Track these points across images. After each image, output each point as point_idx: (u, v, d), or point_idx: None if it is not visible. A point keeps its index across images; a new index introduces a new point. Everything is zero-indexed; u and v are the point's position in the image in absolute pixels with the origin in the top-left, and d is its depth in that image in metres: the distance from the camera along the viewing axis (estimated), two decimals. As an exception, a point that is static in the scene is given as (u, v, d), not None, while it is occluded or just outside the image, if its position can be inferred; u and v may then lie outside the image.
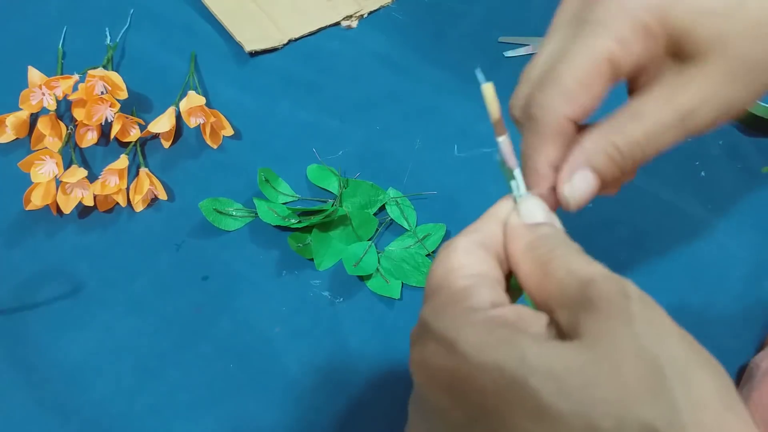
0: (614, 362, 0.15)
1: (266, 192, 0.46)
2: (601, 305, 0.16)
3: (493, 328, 0.16)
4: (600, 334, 0.15)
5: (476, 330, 0.17)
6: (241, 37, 0.55)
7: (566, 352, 0.15)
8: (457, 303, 0.18)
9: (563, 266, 0.18)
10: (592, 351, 0.15)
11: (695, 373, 0.15)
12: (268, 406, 0.38)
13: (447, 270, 0.19)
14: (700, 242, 0.46)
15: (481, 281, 0.19)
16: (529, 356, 0.15)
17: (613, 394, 0.14)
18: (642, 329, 0.15)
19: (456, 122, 0.52)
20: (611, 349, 0.15)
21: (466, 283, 0.18)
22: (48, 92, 0.47)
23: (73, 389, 0.38)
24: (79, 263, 0.43)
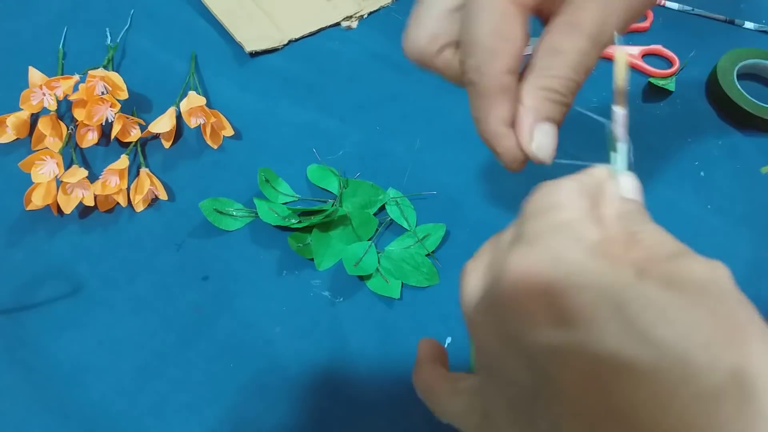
0: (712, 312, 0.16)
1: (266, 192, 0.46)
2: (693, 276, 0.17)
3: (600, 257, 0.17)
4: (696, 291, 0.16)
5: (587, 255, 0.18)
6: (242, 37, 0.56)
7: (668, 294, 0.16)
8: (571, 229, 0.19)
9: (654, 237, 0.19)
10: (691, 299, 0.16)
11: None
12: (268, 406, 0.38)
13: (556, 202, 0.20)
14: (699, 242, 0.46)
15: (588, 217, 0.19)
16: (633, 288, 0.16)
17: (711, 336, 0.15)
18: (732, 300, 0.16)
19: (456, 122, 0.52)
20: (708, 304, 0.16)
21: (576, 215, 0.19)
22: (48, 92, 0.47)
23: (74, 389, 0.38)
24: (80, 263, 0.43)
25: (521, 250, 0.19)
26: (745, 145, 0.52)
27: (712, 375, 0.15)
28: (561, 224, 0.19)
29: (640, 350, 0.15)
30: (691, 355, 0.15)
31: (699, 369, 0.15)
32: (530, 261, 0.18)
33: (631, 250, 0.19)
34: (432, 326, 0.42)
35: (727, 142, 0.52)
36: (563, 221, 0.19)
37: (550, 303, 0.17)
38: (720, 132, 0.53)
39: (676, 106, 0.54)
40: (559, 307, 0.17)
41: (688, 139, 0.52)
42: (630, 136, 0.58)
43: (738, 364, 0.15)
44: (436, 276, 0.43)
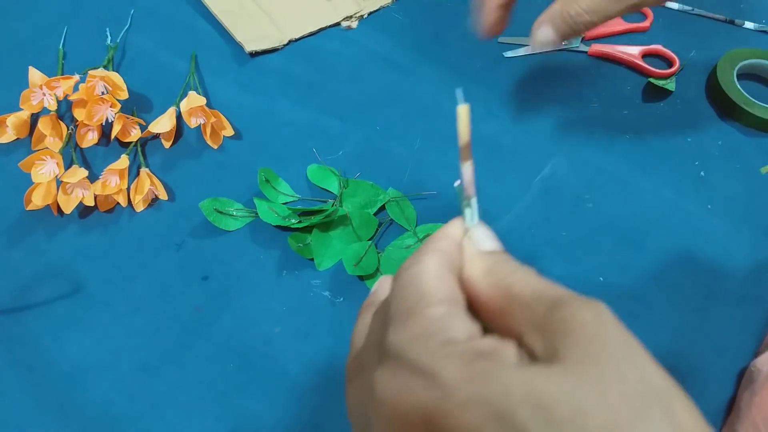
0: (600, 390, 0.15)
1: (266, 192, 0.46)
2: (576, 329, 0.16)
3: (474, 361, 0.16)
4: (581, 360, 0.15)
5: (457, 363, 0.16)
6: (242, 37, 0.56)
7: (550, 380, 0.15)
8: (436, 335, 0.17)
9: (527, 288, 0.18)
10: (575, 377, 0.15)
11: (675, 401, 0.15)
12: (268, 406, 0.38)
13: (420, 295, 0.18)
14: (699, 242, 0.46)
15: (455, 311, 0.18)
16: (513, 388, 0.15)
17: (603, 423, 0.14)
18: (622, 355, 0.15)
19: (456, 122, 0.52)
20: (595, 376, 0.15)
21: (441, 312, 0.18)
22: (49, 92, 0.47)
23: (73, 389, 0.38)
24: (80, 263, 0.43)
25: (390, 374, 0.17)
26: (745, 144, 0.52)
27: None
28: (428, 330, 0.17)
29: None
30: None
31: None
32: (401, 388, 0.16)
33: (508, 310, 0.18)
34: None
35: (727, 142, 0.52)
36: (429, 323, 0.17)
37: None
38: (720, 132, 0.53)
39: (676, 106, 0.54)
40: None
41: (688, 139, 0.52)
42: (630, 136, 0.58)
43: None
44: (436, 276, 0.43)
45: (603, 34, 0.59)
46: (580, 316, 0.16)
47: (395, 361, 0.17)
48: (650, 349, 0.42)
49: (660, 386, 0.15)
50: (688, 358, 0.41)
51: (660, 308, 0.43)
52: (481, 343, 0.17)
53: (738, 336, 0.42)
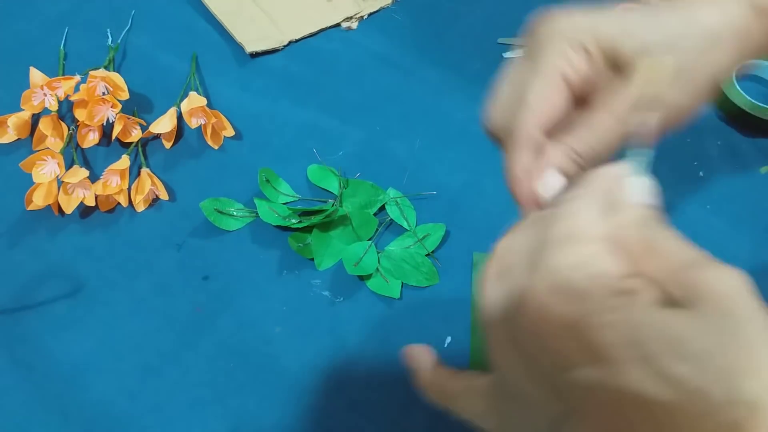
0: (727, 337, 0.16)
1: (267, 192, 0.46)
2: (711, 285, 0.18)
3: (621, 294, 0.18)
4: (712, 311, 0.17)
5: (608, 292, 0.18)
6: (242, 38, 0.56)
7: (683, 322, 0.17)
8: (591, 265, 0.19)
9: (671, 246, 0.20)
10: (707, 323, 0.17)
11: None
12: (269, 406, 0.39)
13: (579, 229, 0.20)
14: (699, 242, 0.46)
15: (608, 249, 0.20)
16: (650, 323, 0.17)
17: (726, 365, 0.16)
18: (749, 313, 0.17)
19: (456, 122, 0.52)
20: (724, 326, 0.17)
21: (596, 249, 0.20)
22: (50, 93, 0.47)
23: (74, 388, 0.38)
24: (81, 263, 0.43)
25: (545, 285, 0.19)
26: (744, 145, 0.52)
27: (730, 408, 0.15)
28: (584, 261, 0.19)
29: (661, 389, 0.16)
30: (709, 389, 0.16)
31: (718, 403, 0.15)
32: (555, 299, 0.19)
33: (653, 260, 0.19)
34: (432, 326, 0.42)
35: (727, 142, 0.53)
36: (584, 256, 0.19)
37: (577, 342, 0.18)
38: (719, 132, 0.53)
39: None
40: (585, 347, 0.18)
41: (687, 139, 0.53)
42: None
43: (755, 395, 0.15)
44: (436, 276, 0.43)
45: (602, 34, 0.59)
46: (716, 276, 0.18)
47: (551, 275, 0.19)
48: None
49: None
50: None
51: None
52: (629, 282, 0.19)
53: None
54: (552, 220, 0.21)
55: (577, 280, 0.19)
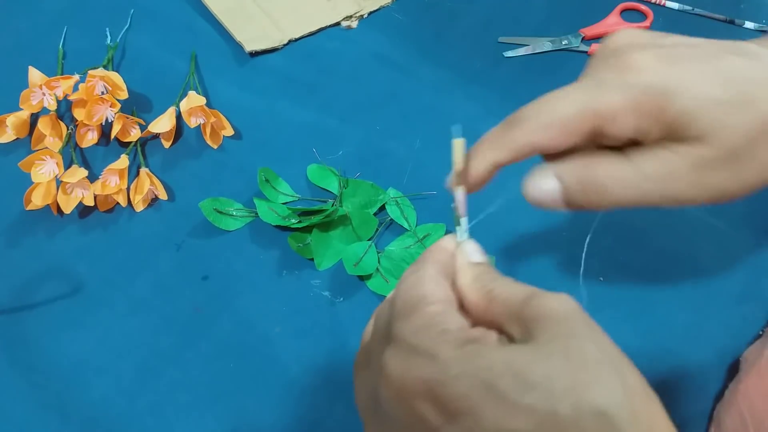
0: (565, 359, 0.18)
1: (266, 192, 0.46)
2: (546, 314, 0.19)
3: (465, 345, 0.19)
4: (550, 338, 0.18)
5: (452, 346, 0.19)
6: (242, 37, 0.56)
7: (524, 355, 0.18)
8: (435, 325, 0.21)
9: (506, 289, 0.22)
10: (545, 350, 0.18)
11: (625, 367, 0.18)
12: (268, 406, 0.39)
13: (420, 296, 0.22)
14: (699, 242, 0.46)
15: (450, 308, 0.22)
16: (496, 363, 0.18)
17: (568, 384, 0.17)
18: (583, 332, 0.19)
19: (456, 121, 0.52)
20: (561, 349, 0.18)
21: (439, 309, 0.21)
22: (48, 92, 0.47)
23: (74, 389, 0.38)
24: (80, 263, 0.43)
25: (397, 355, 0.20)
26: (745, 145, 0.52)
27: (581, 422, 0.17)
28: (428, 322, 0.21)
29: (519, 422, 0.17)
30: (557, 410, 0.17)
31: (569, 421, 0.17)
32: (407, 366, 0.20)
33: (491, 308, 0.21)
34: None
35: (727, 142, 0.52)
36: (429, 318, 0.21)
37: (434, 403, 0.19)
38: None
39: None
40: (443, 404, 0.19)
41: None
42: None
43: (599, 405, 0.17)
44: (436, 276, 0.43)
45: (603, 33, 0.59)
46: (548, 305, 0.19)
47: (401, 345, 0.21)
48: (650, 348, 0.42)
49: (614, 355, 0.19)
50: (687, 357, 0.41)
51: (660, 308, 0.43)
52: (471, 332, 0.20)
53: (737, 336, 0.42)
54: (397, 295, 0.23)
55: (425, 341, 0.20)
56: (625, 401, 0.17)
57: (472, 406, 0.18)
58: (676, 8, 0.62)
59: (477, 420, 0.18)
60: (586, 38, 0.59)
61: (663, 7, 0.62)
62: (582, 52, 0.58)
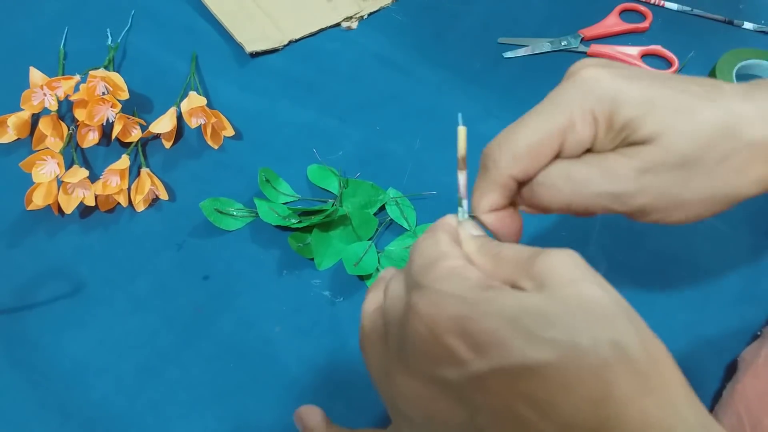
0: (578, 302, 0.20)
1: (267, 192, 0.46)
2: (553, 265, 0.21)
3: (486, 289, 0.21)
4: (560, 284, 0.20)
5: (476, 290, 0.21)
6: (242, 37, 0.56)
7: (542, 300, 0.20)
8: (457, 275, 0.22)
9: (512, 250, 0.23)
10: (560, 295, 0.20)
11: (629, 309, 0.21)
12: (268, 406, 0.39)
13: (440, 253, 0.23)
14: (699, 242, 0.46)
15: (467, 263, 0.23)
16: (517, 305, 0.20)
17: (584, 321, 0.19)
18: (590, 278, 0.21)
19: (456, 122, 0.52)
20: (574, 293, 0.20)
21: (458, 263, 0.23)
22: (49, 93, 0.47)
23: (74, 389, 0.38)
24: (80, 263, 0.43)
25: (426, 296, 0.22)
26: (744, 145, 0.52)
27: (597, 351, 0.19)
28: (451, 271, 0.22)
29: (543, 352, 0.19)
30: (578, 341, 0.19)
31: (587, 350, 0.19)
32: (437, 305, 0.21)
33: (500, 268, 0.23)
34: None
35: (727, 142, 0.52)
36: (452, 268, 0.23)
37: (464, 337, 0.20)
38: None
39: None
40: (473, 339, 0.20)
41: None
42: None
43: (612, 337, 0.19)
44: (436, 276, 0.43)
45: (602, 34, 0.59)
46: (557, 257, 0.21)
47: (429, 289, 0.22)
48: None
49: (618, 299, 0.21)
50: (686, 357, 0.41)
51: (660, 308, 0.43)
52: (489, 281, 0.22)
53: (736, 336, 0.42)
54: (415, 257, 0.24)
55: (452, 286, 0.22)
56: (635, 334, 0.19)
57: (500, 340, 0.20)
58: (675, 9, 0.62)
59: (505, 352, 0.19)
60: (585, 39, 0.59)
61: (662, 7, 0.62)
62: (581, 53, 0.58)
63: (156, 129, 0.47)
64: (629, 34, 0.60)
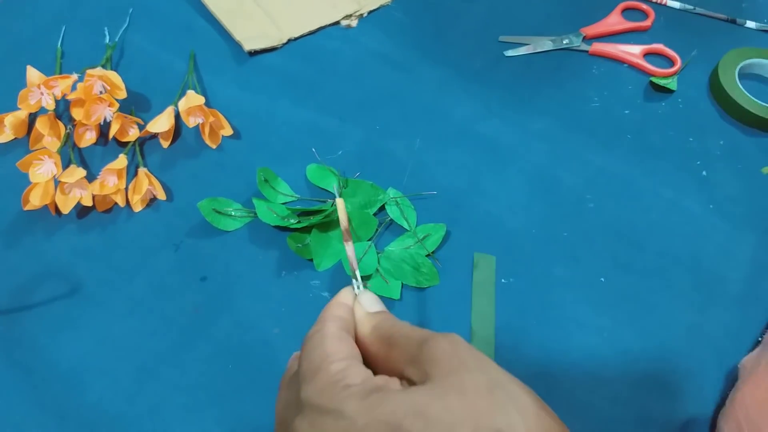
0: (459, 392, 0.20)
1: (265, 192, 0.46)
2: (438, 355, 0.21)
3: (368, 395, 0.21)
4: (445, 375, 0.21)
5: (356, 399, 0.21)
6: (241, 36, 0.55)
7: (423, 394, 0.20)
8: (338, 382, 0.22)
9: (402, 336, 0.23)
10: (441, 387, 0.20)
11: (515, 389, 0.20)
12: (267, 407, 0.38)
13: (324, 355, 0.23)
14: (701, 242, 0.46)
15: (352, 363, 0.23)
16: (398, 406, 0.20)
17: (465, 414, 0.19)
18: (474, 365, 0.21)
19: (456, 122, 0.52)
20: (455, 383, 0.20)
21: (342, 366, 0.23)
22: (47, 92, 0.46)
23: (71, 390, 0.38)
24: (78, 264, 0.43)
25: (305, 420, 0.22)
26: (747, 144, 0.52)
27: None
28: (332, 380, 0.22)
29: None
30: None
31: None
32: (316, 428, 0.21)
33: (391, 355, 0.23)
34: (432, 327, 0.42)
35: (729, 141, 0.52)
36: (333, 375, 0.22)
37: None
38: (722, 131, 0.53)
39: (678, 106, 0.54)
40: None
41: (690, 138, 0.52)
42: (631, 135, 0.58)
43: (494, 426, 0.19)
44: (437, 276, 0.43)
45: (604, 33, 0.59)
46: (440, 346, 0.21)
47: (309, 409, 0.22)
48: (651, 349, 0.41)
49: (503, 381, 0.21)
50: (688, 358, 0.41)
51: (661, 308, 0.43)
52: (374, 381, 0.22)
53: (738, 337, 0.42)
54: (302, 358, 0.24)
55: (331, 400, 0.21)
56: (518, 419, 0.19)
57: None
58: (678, 7, 0.62)
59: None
60: (587, 37, 0.59)
61: (664, 6, 0.62)
62: (583, 52, 0.58)
63: (153, 128, 0.47)
64: (631, 33, 0.60)
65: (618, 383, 0.40)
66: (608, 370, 0.41)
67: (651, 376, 0.40)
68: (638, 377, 0.40)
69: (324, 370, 0.23)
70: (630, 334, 0.42)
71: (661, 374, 0.40)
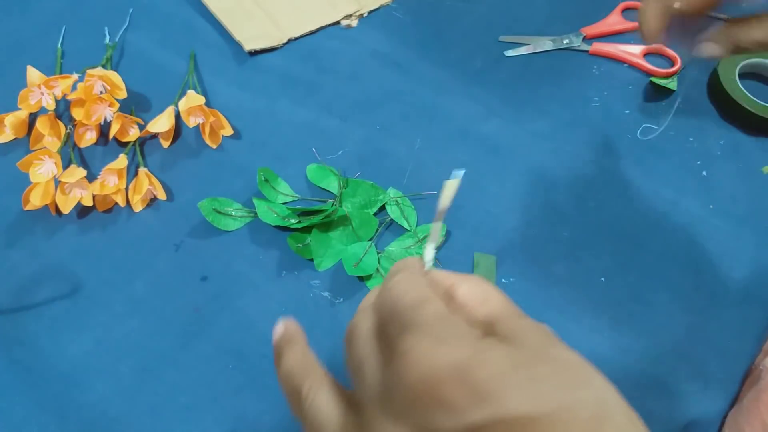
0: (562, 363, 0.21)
1: (266, 192, 0.46)
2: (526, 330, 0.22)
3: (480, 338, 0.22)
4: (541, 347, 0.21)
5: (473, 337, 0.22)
6: (241, 36, 0.55)
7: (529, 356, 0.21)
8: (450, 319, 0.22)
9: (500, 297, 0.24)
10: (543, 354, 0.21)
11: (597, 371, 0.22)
12: (267, 407, 0.38)
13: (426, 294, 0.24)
14: (701, 242, 0.46)
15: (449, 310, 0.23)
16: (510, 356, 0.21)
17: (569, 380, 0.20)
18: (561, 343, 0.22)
19: (456, 122, 0.52)
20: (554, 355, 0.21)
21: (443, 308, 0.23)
22: (47, 92, 0.46)
23: (72, 390, 0.38)
24: (78, 263, 0.43)
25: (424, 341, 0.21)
26: (747, 144, 0.52)
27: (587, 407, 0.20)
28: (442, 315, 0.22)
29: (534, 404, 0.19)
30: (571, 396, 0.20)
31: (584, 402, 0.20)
32: (438, 350, 0.21)
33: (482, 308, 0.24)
34: (432, 327, 0.42)
35: (729, 141, 0.52)
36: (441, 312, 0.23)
37: (464, 385, 0.20)
38: (722, 131, 0.53)
39: (678, 106, 0.54)
40: (473, 388, 0.20)
41: (690, 138, 0.52)
42: (631, 135, 0.58)
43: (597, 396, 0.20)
44: (437, 276, 0.43)
45: (604, 32, 0.59)
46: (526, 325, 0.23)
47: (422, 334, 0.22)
48: (652, 349, 0.41)
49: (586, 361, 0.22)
50: (689, 357, 0.41)
51: (662, 308, 0.43)
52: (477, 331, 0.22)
53: (739, 336, 0.42)
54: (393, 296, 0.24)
55: (447, 331, 0.21)
56: (614, 392, 0.21)
57: (499, 391, 0.20)
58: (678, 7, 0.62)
59: (504, 403, 0.19)
60: (587, 37, 0.59)
61: (664, 5, 0.62)
62: (583, 52, 0.58)
63: (154, 128, 0.47)
64: (631, 33, 0.60)
65: (618, 383, 0.40)
66: (608, 370, 0.41)
67: (651, 376, 0.40)
68: (638, 377, 0.40)
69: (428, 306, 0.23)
70: (630, 334, 0.42)
71: (662, 374, 0.40)
